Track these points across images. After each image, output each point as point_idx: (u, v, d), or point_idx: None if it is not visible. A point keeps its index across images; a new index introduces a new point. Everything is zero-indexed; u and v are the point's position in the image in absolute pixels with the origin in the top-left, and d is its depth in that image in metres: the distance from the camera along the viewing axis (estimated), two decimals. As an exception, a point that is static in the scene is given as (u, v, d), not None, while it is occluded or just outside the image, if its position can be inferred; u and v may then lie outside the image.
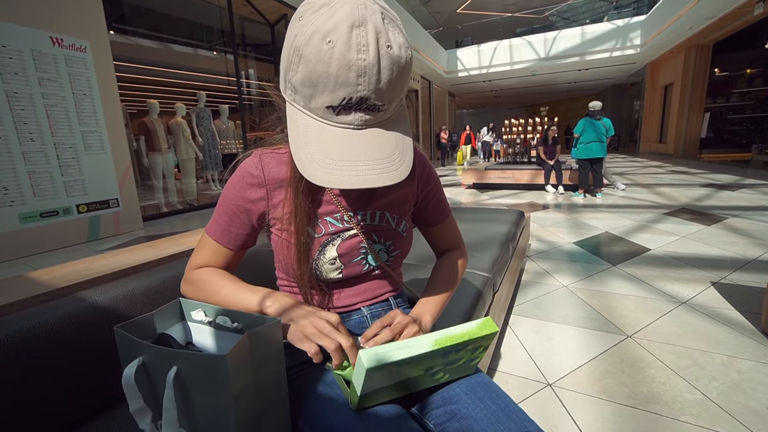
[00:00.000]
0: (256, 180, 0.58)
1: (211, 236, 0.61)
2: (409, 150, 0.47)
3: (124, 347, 0.42)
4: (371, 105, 0.43)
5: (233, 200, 0.59)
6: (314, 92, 0.42)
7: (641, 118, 14.05)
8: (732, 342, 1.49)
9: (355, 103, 0.42)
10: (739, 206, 4.04)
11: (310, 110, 0.45)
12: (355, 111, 0.43)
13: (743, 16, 7.70)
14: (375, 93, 0.42)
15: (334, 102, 0.42)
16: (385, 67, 0.41)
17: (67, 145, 3.38)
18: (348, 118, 0.43)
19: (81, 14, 3.43)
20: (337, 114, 0.43)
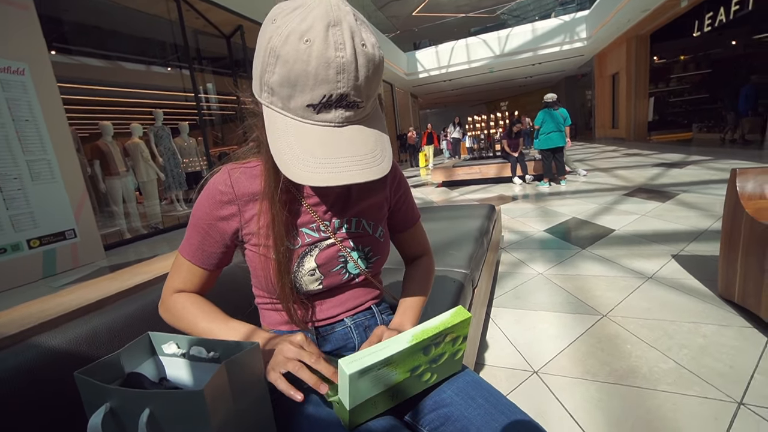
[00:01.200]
0: (226, 197, 0.56)
1: (185, 257, 0.60)
2: (388, 146, 0.47)
3: (88, 394, 0.39)
4: (351, 102, 0.43)
5: (204, 219, 0.57)
6: (293, 92, 0.42)
7: (594, 106, 14.84)
8: (695, 309, 1.59)
9: (336, 101, 0.42)
10: (688, 182, 4.34)
11: (289, 111, 0.44)
12: (335, 108, 0.43)
13: (673, 8, 8.33)
14: (354, 89, 0.42)
15: (314, 100, 0.42)
16: (362, 64, 0.41)
17: (10, 176, 3.13)
18: (329, 115, 0.43)
19: (16, 35, 3.20)
20: (317, 112, 0.43)
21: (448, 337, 0.52)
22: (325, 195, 0.61)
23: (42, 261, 3.33)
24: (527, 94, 21.68)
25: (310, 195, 0.60)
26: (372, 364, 0.43)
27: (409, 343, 0.47)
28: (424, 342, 0.48)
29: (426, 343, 0.48)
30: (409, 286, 0.70)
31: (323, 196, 0.61)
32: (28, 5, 3.30)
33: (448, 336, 0.51)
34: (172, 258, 1.11)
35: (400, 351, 0.46)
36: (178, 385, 0.47)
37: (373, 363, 0.43)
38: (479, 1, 16.04)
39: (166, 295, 0.62)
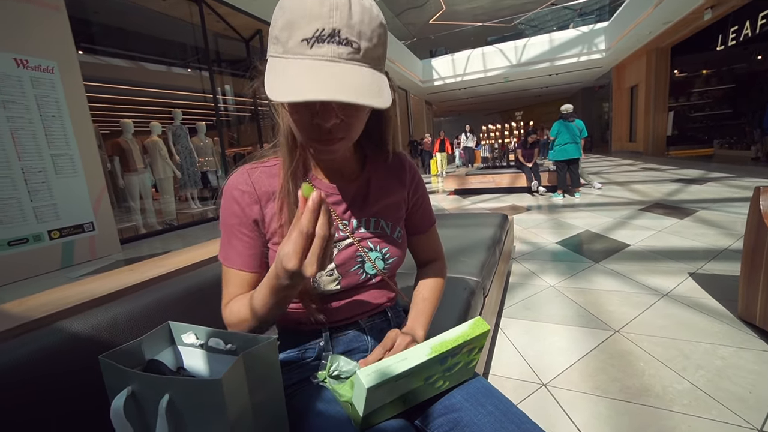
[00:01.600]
0: (248, 196, 0.57)
1: (230, 266, 0.58)
2: (387, 89, 0.45)
3: (111, 377, 0.40)
4: (344, 38, 0.42)
5: (233, 221, 0.57)
6: (291, 32, 0.43)
7: (611, 119, 14.64)
8: (712, 330, 1.54)
9: (328, 35, 0.42)
10: (707, 199, 4.24)
11: (287, 52, 0.44)
12: (328, 43, 0.42)
13: (695, 21, 8.20)
14: (347, 27, 0.42)
15: (307, 35, 0.42)
16: (356, 9, 0.42)
17: (35, 169, 3.24)
18: (321, 50, 0.42)
19: (47, 35, 3.33)
20: (311, 47, 0.42)
21: (465, 348, 0.51)
22: (344, 193, 0.61)
23: (61, 252, 3.42)
24: (543, 104, 21.54)
25: (329, 194, 0.60)
26: (391, 377, 0.44)
27: (428, 356, 0.47)
28: (442, 354, 0.48)
29: (444, 355, 0.48)
30: (422, 290, 0.70)
31: (342, 193, 0.61)
32: (59, 6, 3.44)
33: (466, 347, 0.51)
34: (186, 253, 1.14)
35: (419, 364, 0.46)
36: (196, 375, 0.48)
37: (391, 376, 0.44)
38: (497, 10, 16.07)
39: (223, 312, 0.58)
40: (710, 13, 7.43)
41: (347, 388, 0.50)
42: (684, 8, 7.53)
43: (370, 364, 0.49)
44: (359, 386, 0.43)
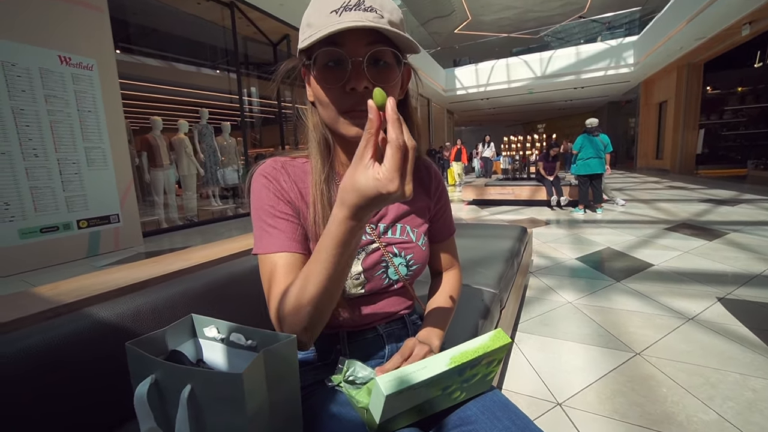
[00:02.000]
0: (284, 177, 0.56)
1: (275, 250, 0.52)
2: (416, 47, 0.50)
3: (136, 364, 0.41)
4: (368, 6, 0.46)
5: (271, 204, 0.54)
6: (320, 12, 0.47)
7: (637, 135, 14.25)
8: (743, 360, 1.47)
9: (355, 4, 0.46)
10: (739, 221, 4.05)
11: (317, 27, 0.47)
12: (355, 10, 0.46)
13: (732, 37, 7.92)
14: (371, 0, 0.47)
15: (336, 6, 0.46)
16: None
17: (70, 160, 3.39)
18: (350, 15, 0.46)
19: (90, 34, 3.50)
20: (339, 15, 0.46)
21: (484, 360, 0.51)
22: None
23: (87, 241, 3.56)
24: (566, 117, 21.18)
25: None
26: (410, 385, 0.43)
27: (448, 366, 0.46)
28: (462, 365, 0.47)
29: (463, 366, 0.48)
30: (438, 298, 0.70)
31: None
32: (103, 8, 3.62)
33: (485, 359, 0.50)
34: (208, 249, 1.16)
35: (439, 374, 0.45)
36: (214, 368, 0.49)
37: (410, 384, 0.43)
38: (523, 22, 15.99)
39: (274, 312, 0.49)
40: (749, 28, 7.16)
41: (364, 394, 0.50)
42: (719, 24, 7.29)
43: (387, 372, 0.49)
44: (377, 393, 0.43)
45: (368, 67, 0.48)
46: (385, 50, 0.49)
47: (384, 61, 0.50)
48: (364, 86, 0.48)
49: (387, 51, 0.49)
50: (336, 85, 0.49)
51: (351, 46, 0.47)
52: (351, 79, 0.48)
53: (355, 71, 0.48)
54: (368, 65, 0.48)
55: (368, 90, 0.48)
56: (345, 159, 0.60)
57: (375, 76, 0.49)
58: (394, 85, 0.52)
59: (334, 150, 0.59)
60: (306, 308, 0.45)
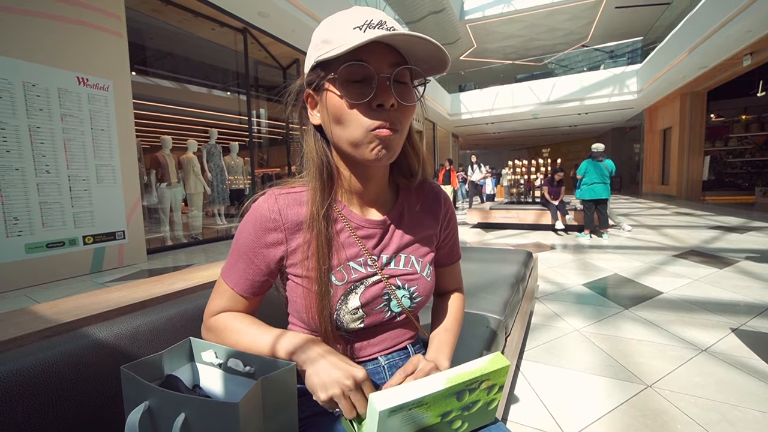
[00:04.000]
0: (273, 223, 0.54)
1: (228, 283, 0.57)
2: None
3: (130, 389, 0.40)
4: (391, 27, 0.47)
5: (249, 245, 0.55)
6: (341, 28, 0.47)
7: (642, 160, 14.29)
8: (764, 396, 1.40)
9: (377, 23, 0.47)
10: (749, 249, 3.98)
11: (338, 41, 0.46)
12: (378, 28, 0.47)
13: (734, 67, 8.04)
14: (391, 22, 0.48)
15: (359, 23, 0.47)
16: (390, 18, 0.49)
17: (80, 177, 3.45)
18: (374, 32, 0.46)
19: (108, 56, 3.64)
20: (364, 31, 0.46)
21: (483, 384, 0.49)
22: (376, 226, 0.59)
23: (92, 257, 3.57)
24: (571, 142, 21.35)
25: (360, 226, 0.58)
26: (404, 403, 0.42)
27: (444, 385, 0.45)
28: (458, 386, 0.46)
29: (460, 387, 0.46)
30: (443, 321, 0.68)
31: (374, 227, 0.58)
32: (122, 34, 3.77)
33: (484, 383, 0.49)
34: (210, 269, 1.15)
35: (434, 393, 0.44)
36: (211, 395, 0.47)
37: (405, 402, 0.42)
38: (527, 50, 16.42)
39: (206, 318, 0.59)
40: (750, 59, 7.29)
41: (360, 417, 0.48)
42: (721, 54, 7.43)
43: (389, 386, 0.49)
44: (371, 411, 0.41)
45: (393, 85, 0.48)
46: (409, 70, 0.50)
47: (405, 82, 0.50)
48: (391, 103, 0.48)
49: (409, 71, 0.50)
50: (363, 100, 0.47)
51: (376, 63, 0.47)
52: (378, 95, 0.47)
53: (381, 87, 0.48)
54: (393, 83, 0.48)
55: (394, 108, 0.49)
56: (347, 186, 0.57)
57: (399, 94, 0.49)
58: (413, 106, 0.52)
59: (337, 177, 0.57)
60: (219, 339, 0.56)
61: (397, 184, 0.64)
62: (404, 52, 0.49)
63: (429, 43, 0.46)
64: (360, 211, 0.59)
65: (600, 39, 14.84)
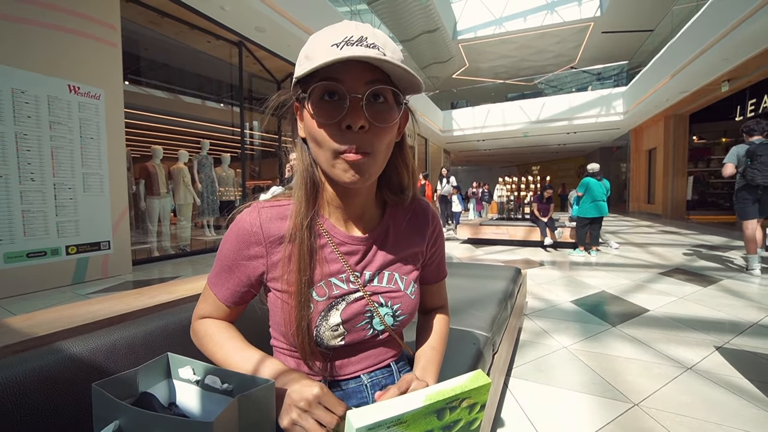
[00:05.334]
0: (253, 237, 0.54)
1: (212, 289, 0.60)
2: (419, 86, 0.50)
3: (100, 407, 0.38)
4: (371, 43, 0.45)
5: (230, 256, 0.56)
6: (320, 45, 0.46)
7: (629, 180, 14.63)
8: (747, 415, 1.41)
9: (357, 40, 0.45)
10: (732, 268, 4.06)
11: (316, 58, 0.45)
12: (357, 45, 0.45)
13: (713, 92, 8.39)
14: (373, 37, 0.46)
15: (337, 40, 0.45)
16: (378, 33, 0.48)
17: (66, 185, 3.39)
18: (351, 49, 0.44)
19: (101, 65, 3.64)
20: (341, 48, 0.44)
21: (464, 403, 0.48)
22: (360, 243, 0.58)
23: (74, 268, 3.47)
24: (560, 160, 21.79)
25: (342, 242, 0.57)
26: (381, 421, 0.41)
27: (423, 403, 0.44)
28: (438, 404, 0.45)
29: (440, 405, 0.45)
30: (429, 339, 0.67)
31: (358, 243, 0.58)
32: (117, 43, 3.78)
33: (465, 401, 0.48)
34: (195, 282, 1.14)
35: (413, 410, 0.43)
36: (187, 413, 0.46)
37: (382, 419, 0.41)
38: (518, 70, 16.89)
39: (193, 320, 0.62)
40: (728, 85, 7.60)
41: None
42: (700, 80, 7.75)
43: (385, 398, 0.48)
44: (349, 428, 0.40)
45: (367, 106, 0.46)
46: (386, 89, 0.48)
47: (384, 99, 0.48)
48: (361, 125, 0.46)
49: (387, 90, 0.48)
50: (331, 121, 0.46)
51: (350, 82, 0.46)
52: (348, 115, 0.46)
53: (352, 108, 0.46)
54: (367, 103, 0.46)
55: (364, 129, 0.46)
56: (337, 202, 0.57)
57: (373, 115, 0.47)
58: (392, 126, 0.50)
59: (322, 190, 0.56)
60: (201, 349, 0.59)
61: (384, 200, 0.63)
62: (385, 69, 0.47)
63: (396, 67, 0.45)
64: (344, 226, 0.58)
65: (588, 61, 15.37)
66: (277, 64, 6.68)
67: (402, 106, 0.51)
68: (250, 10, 4.81)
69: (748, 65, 6.69)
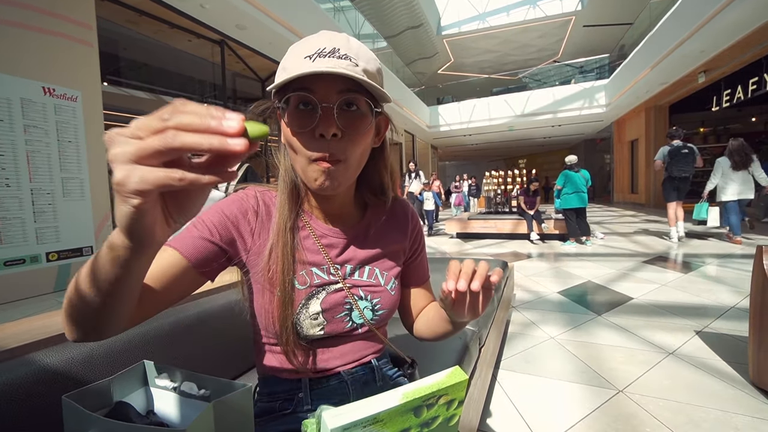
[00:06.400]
0: (252, 209, 0.56)
1: (170, 245, 0.49)
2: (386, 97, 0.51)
3: (71, 420, 0.38)
4: (343, 54, 0.47)
5: (220, 210, 0.54)
6: (295, 57, 0.47)
7: (613, 170, 14.91)
8: (724, 395, 1.46)
9: (329, 51, 0.46)
10: (711, 254, 4.19)
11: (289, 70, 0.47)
12: (329, 57, 0.46)
13: (691, 83, 8.60)
14: (346, 48, 0.47)
15: (310, 52, 0.47)
16: (353, 42, 0.49)
17: (44, 191, 3.30)
18: (323, 61, 0.46)
19: (77, 67, 3.53)
20: (313, 60, 0.46)
21: (441, 400, 0.49)
22: (340, 236, 0.60)
23: (56, 275, 3.38)
24: (546, 153, 22.08)
25: (324, 235, 0.59)
26: (357, 420, 0.41)
27: (399, 401, 0.44)
28: (415, 401, 0.45)
29: (417, 403, 0.46)
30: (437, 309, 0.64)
31: (339, 237, 0.60)
32: (93, 43, 3.67)
33: (442, 398, 0.49)
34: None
35: (389, 409, 0.43)
36: (165, 421, 0.45)
37: (358, 419, 0.41)
38: (502, 64, 17.01)
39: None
40: (704, 76, 7.80)
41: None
42: (678, 71, 7.93)
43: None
44: (323, 428, 0.40)
45: (339, 114, 0.47)
46: (358, 97, 0.49)
47: (357, 108, 0.49)
48: (333, 133, 0.47)
49: (359, 98, 0.49)
50: (305, 129, 0.48)
51: (322, 92, 0.47)
52: (320, 124, 0.47)
53: (324, 117, 0.47)
54: (339, 112, 0.47)
55: (337, 137, 0.48)
56: (315, 203, 0.59)
57: (346, 123, 0.48)
58: (365, 133, 0.51)
59: (304, 195, 0.59)
60: (71, 296, 0.38)
61: (365, 202, 0.65)
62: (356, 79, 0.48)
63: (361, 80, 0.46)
64: (324, 222, 0.61)
65: (570, 55, 15.57)
66: (260, 62, 6.59)
67: (374, 114, 0.52)
68: (231, 7, 4.72)
69: (723, 56, 6.87)
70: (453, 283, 0.45)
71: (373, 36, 12.50)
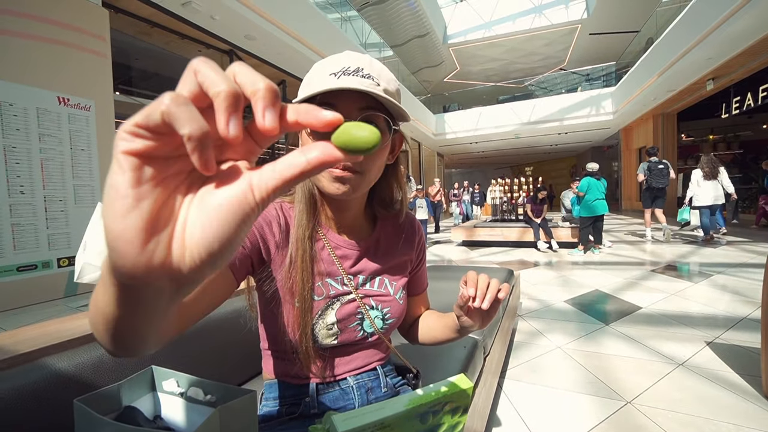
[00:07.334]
0: (276, 218, 0.57)
1: None
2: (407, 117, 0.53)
3: (83, 423, 0.39)
4: (367, 74, 0.49)
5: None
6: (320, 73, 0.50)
7: (620, 178, 14.78)
8: (736, 408, 1.43)
9: (353, 70, 0.49)
10: (721, 263, 4.12)
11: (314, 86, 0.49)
12: (353, 75, 0.49)
13: (699, 90, 8.53)
14: (369, 68, 0.50)
15: (335, 69, 0.49)
16: (376, 64, 0.52)
17: (57, 197, 3.37)
18: (347, 79, 0.48)
19: (91, 77, 3.63)
20: (338, 78, 0.48)
21: (447, 407, 0.49)
22: (353, 248, 0.62)
23: (66, 280, 3.44)
24: (553, 161, 21.97)
25: (338, 246, 0.61)
26: (365, 424, 0.42)
27: (405, 407, 0.45)
28: (420, 407, 0.46)
29: (423, 409, 0.46)
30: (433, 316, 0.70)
31: (352, 248, 0.62)
32: (106, 54, 3.78)
33: (448, 405, 0.49)
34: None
35: (395, 414, 0.44)
36: (172, 426, 0.46)
37: (365, 423, 0.42)
38: (508, 72, 17.07)
39: None
40: (712, 83, 7.75)
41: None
42: (686, 79, 7.88)
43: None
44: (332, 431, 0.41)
45: None
46: (377, 115, 0.51)
47: (375, 125, 0.50)
48: None
49: (378, 116, 0.51)
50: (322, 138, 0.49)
51: (345, 107, 0.50)
52: None
53: None
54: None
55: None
56: (331, 214, 0.61)
57: None
58: (381, 150, 0.53)
59: (321, 205, 0.60)
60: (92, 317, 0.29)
61: (375, 215, 0.67)
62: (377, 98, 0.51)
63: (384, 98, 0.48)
64: (338, 233, 0.63)
65: (576, 63, 15.57)
66: (268, 72, 6.69)
67: (392, 131, 0.54)
68: (241, 18, 4.83)
69: (731, 64, 6.83)
70: (473, 291, 0.52)
71: (380, 45, 12.64)
